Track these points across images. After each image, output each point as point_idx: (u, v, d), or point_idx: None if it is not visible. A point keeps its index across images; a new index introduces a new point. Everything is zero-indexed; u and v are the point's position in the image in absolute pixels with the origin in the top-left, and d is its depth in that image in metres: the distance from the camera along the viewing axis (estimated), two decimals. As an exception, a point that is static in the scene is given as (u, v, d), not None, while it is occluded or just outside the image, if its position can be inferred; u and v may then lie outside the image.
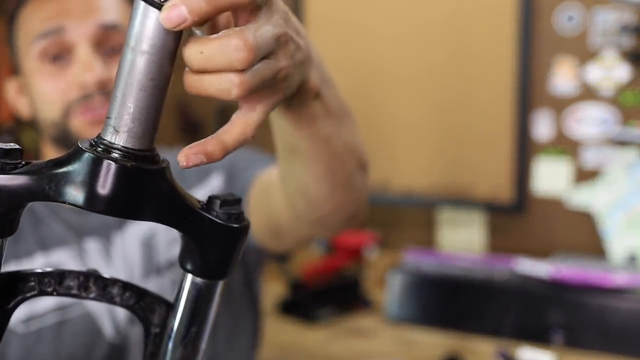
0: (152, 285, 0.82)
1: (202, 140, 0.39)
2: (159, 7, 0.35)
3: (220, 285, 0.43)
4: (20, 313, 0.76)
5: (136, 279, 0.81)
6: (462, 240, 1.84)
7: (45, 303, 0.77)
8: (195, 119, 2.10)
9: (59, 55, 0.78)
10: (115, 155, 0.37)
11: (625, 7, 1.62)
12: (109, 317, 0.78)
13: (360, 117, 2.05)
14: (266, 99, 0.42)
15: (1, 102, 2.62)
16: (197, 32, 0.40)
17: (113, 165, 0.36)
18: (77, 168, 0.36)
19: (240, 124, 0.41)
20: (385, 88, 1.88)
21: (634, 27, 1.61)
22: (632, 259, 1.63)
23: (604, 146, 1.66)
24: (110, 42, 0.79)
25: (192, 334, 0.43)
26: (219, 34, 0.37)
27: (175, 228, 0.40)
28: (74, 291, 0.43)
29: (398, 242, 1.89)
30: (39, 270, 0.42)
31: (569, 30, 1.68)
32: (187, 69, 0.38)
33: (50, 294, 0.42)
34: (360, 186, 0.68)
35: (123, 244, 0.82)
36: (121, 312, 0.78)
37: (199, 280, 0.42)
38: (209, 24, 0.41)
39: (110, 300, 0.44)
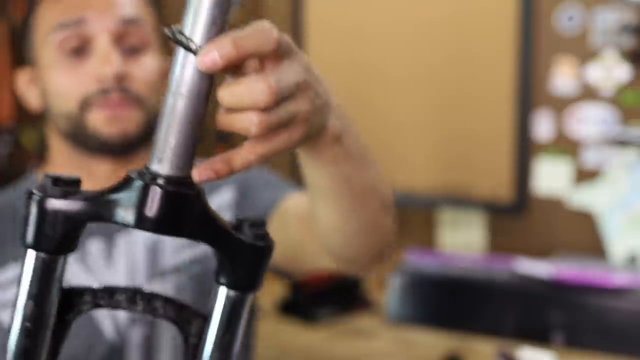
0: (155, 289, 0.81)
1: (213, 158, 0.46)
2: (195, 52, 0.41)
3: (250, 297, 0.48)
4: None
5: (139, 281, 0.81)
6: (462, 241, 1.84)
7: None
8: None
9: (78, 47, 0.78)
10: (160, 182, 0.43)
11: (625, 7, 1.62)
12: (110, 318, 0.78)
13: (361, 118, 2.04)
14: (280, 137, 0.47)
15: (1, 101, 2.62)
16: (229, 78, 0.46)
17: (158, 190, 0.42)
18: (129, 194, 0.43)
19: (248, 151, 0.46)
20: (386, 88, 1.88)
21: (634, 27, 1.61)
22: (632, 259, 1.63)
23: (604, 146, 1.66)
24: (129, 39, 0.79)
25: (226, 341, 0.47)
26: (247, 78, 0.43)
27: (210, 246, 0.46)
28: (123, 305, 0.48)
29: (398, 242, 1.89)
30: (94, 287, 0.48)
31: (569, 30, 1.68)
32: (221, 107, 0.45)
33: (103, 307, 0.48)
34: (384, 227, 0.73)
35: (127, 246, 0.81)
36: (122, 314, 0.78)
37: (232, 292, 0.47)
38: (239, 68, 0.46)
39: (154, 313, 0.48)
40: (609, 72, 1.64)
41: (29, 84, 0.85)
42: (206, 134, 0.46)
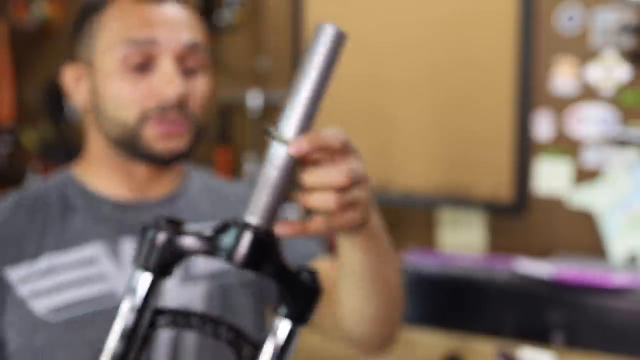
0: (186, 292, 0.84)
1: (293, 221, 0.61)
2: (286, 144, 0.57)
3: (300, 329, 0.61)
4: (50, 303, 0.80)
5: (171, 283, 0.84)
6: (463, 240, 1.84)
7: (76, 294, 0.81)
8: (196, 119, 2.11)
9: (142, 63, 0.82)
10: (251, 230, 0.57)
11: (624, 7, 1.62)
12: None
13: (363, 118, 2.04)
14: (346, 216, 0.61)
15: (2, 102, 2.63)
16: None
17: (249, 237, 0.57)
18: (227, 237, 0.58)
19: (321, 223, 0.61)
20: (387, 90, 1.89)
21: (634, 27, 1.61)
22: (632, 259, 1.63)
23: (605, 146, 1.67)
24: (188, 61, 0.84)
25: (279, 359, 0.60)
26: (327, 166, 0.58)
27: (279, 284, 0.59)
28: (195, 327, 0.61)
29: (398, 242, 1.89)
30: (175, 309, 0.61)
31: (569, 30, 1.69)
32: (302, 187, 0.59)
33: (178, 327, 0.61)
34: (393, 319, 0.82)
35: None
36: None
37: (289, 322, 0.60)
38: (316, 159, 0.60)
39: (218, 336, 0.62)
40: (609, 72, 1.65)
41: (78, 81, 0.87)
42: (208, 136, 0.49)
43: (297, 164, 0.59)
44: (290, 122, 0.59)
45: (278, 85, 2.07)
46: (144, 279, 0.58)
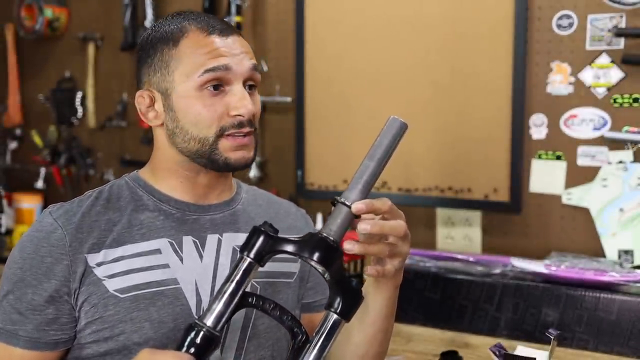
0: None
1: (372, 267, 0.86)
2: (349, 207, 0.80)
3: (343, 324, 0.80)
4: (121, 282, 0.92)
5: (222, 276, 0.96)
6: (460, 240, 1.87)
7: (143, 277, 0.93)
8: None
9: (217, 87, 0.95)
10: (327, 239, 0.79)
11: (618, 12, 1.65)
12: (195, 301, 0.95)
13: (365, 119, 2.05)
14: (390, 262, 0.86)
15: (12, 105, 2.66)
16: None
17: (326, 242, 0.80)
18: (309, 242, 0.79)
19: (373, 266, 0.86)
20: (388, 92, 1.92)
21: (626, 31, 1.64)
22: (625, 258, 1.66)
23: (598, 147, 1.69)
24: (250, 81, 0.98)
25: (323, 346, 0.78)
26: (384, 221, 0.84)
27: (335, 283, 0.79)
28: (268, 309, 0.81)
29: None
30: (257, 294, 0.82)
31: (564, 35, 1.71)
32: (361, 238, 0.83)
33: (255, 308, 0.81)
34: (382, 356, 1.02)
35: (217, 246, 1.00)
36: (205, 303, 0.95)
37: (337, 317, 0.79)
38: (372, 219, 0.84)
39: (282, 321, 0.81)
40: (603, 75, 1.67)
41: (151, 104, 0.99)
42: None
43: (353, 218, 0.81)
44: (353, 192, 0.81)
45: (277, 89, 2.10)
46: (245, 262, 0.78)
